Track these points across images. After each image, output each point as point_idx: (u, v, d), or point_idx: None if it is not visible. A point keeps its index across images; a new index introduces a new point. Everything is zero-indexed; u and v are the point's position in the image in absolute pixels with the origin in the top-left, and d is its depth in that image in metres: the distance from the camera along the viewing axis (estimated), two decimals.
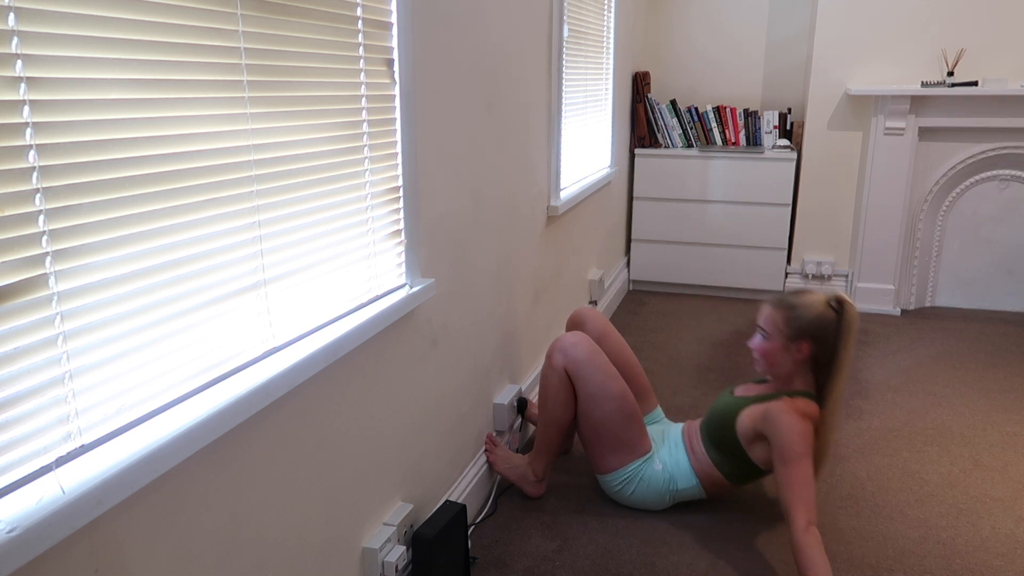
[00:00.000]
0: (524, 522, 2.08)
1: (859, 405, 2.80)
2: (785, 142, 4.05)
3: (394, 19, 1.49)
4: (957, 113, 3.62)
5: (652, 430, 2.22)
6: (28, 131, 0.78)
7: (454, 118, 1.83)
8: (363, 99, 1.40)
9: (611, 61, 3.55)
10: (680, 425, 2.19)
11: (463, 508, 1.79)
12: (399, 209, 1.58)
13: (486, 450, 2.18)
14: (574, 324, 2.36)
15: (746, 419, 1.96)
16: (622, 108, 3.96)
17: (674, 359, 3.29)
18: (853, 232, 3.97)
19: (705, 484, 2.08)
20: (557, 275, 2.90)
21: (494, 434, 2.17)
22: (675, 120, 4.17)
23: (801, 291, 2.00)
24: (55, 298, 0.83)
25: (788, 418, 1.84)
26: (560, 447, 2.14)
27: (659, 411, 2.32)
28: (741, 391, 2.10)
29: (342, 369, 1.41)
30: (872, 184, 3.79)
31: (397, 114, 1.53)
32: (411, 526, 1.71)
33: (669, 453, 2.11)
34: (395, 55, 1.50)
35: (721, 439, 2.01)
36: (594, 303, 3.53)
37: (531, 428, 2.60)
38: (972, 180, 3.79)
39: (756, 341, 2.01)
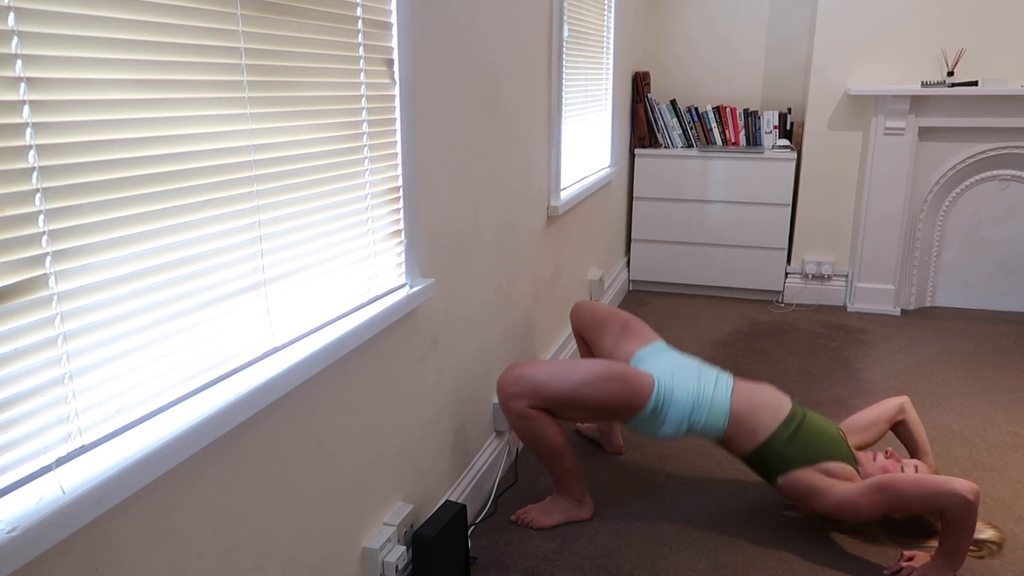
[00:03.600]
0: None
1: (859, 405, 2.80)
2: (785, 142, 4.05)
3: (394, 19, 1.49)
4: (957, 113, 3.62)
5: (659, 360, 2.13)
6: (28, 131, 0.78)
7: (454, 118, 1.83)
8: (363, 99, 1.40)
9: (611, 61, 3.55)
10: (730, 378, 2.08)
11: (463, 508, 1.79)
12: (399, 209, 1.58)
13: (523, 524, 2.08)
14: (574, 317, 2.37)
15: (839, 471, 1.95)
16: (622, 108, 3.96)
17: None
18: (853, 232, 3.97)
19: (729, 436, 2.01)
20: (557, 275, 2.90)
21: (513, 516, 2.11)
22: (675, 120, 4.17)
23: None
24: (55, 298, 0.83)
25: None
26: (576, 467, 2.07)
27: (660, 342, 2.23)
28: (846, 428, 2.14)
29: (342, 369, 1.41)
30: (872, 184, 3.79)
31: (397, 114, 1.53)
32: (411, 526, 1.71)
33: (698, 387, 2.02)
34: (395, 55, 1.50)
35: (809, 452, 1.96)
36: None
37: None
38: (972, 180, 3.79)
39: (888, 462, 2.01)
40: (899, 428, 2.21)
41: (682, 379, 2.04)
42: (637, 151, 4.13)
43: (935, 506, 1.74)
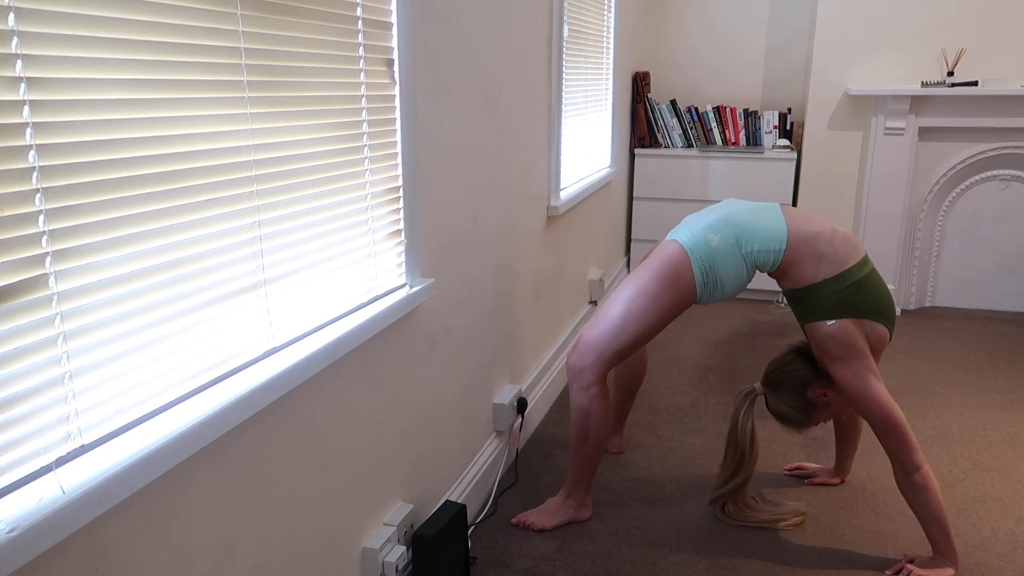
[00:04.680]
0: None
1: None
2: (785, 142, 4.05)
3: (394, 19, 1.49)
4: (957, 113, 3.62)
5: (680, 225, 1.99)
6: (28, 131, 0.78)
7: (454, 118, 1.83)
8: (363, 99, 1.40)
9: (611, 61, 3.55)
10: (774, 203, 1.96)
11: (463, 508, 1.79)
12: (399, 209, 1.58)
13: (524, 527, 2.06)
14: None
15: (877, 336, 1.88)
16: (622, 108, 3.96)
17: (674, 359, 3.29)
18: (853, 232, 3.97)
19: (790, 261, 1.86)
20: (557, 275, 2.90)
21: (514, 519, 2.09)
22: (675, 120, 4.17)
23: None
24: (55, 298, 0.83)
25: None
26: (596, 469, 2.08)
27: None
28: None
29: (342, 369, 1.41)
30: (872, 184, 3.79)
31: (397, 114, 1.53)
32: (411, 526, 1.71)
33: (729, 214, 1.89)
34: (395, 55, 1.50)
35: (868, 304, 1.83)
36: (594, 303, 3.53)
37: (531, 428, 2.60)
38: (972, 180, 3.79)
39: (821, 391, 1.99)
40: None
41: (711, 221, 1.90)
42: (637, 151, 4.13)
43: (898, 460, 1.82)
